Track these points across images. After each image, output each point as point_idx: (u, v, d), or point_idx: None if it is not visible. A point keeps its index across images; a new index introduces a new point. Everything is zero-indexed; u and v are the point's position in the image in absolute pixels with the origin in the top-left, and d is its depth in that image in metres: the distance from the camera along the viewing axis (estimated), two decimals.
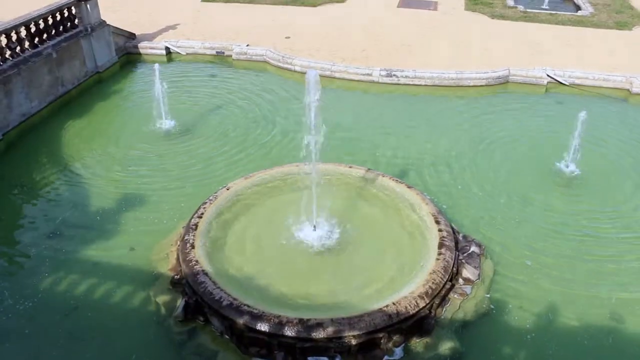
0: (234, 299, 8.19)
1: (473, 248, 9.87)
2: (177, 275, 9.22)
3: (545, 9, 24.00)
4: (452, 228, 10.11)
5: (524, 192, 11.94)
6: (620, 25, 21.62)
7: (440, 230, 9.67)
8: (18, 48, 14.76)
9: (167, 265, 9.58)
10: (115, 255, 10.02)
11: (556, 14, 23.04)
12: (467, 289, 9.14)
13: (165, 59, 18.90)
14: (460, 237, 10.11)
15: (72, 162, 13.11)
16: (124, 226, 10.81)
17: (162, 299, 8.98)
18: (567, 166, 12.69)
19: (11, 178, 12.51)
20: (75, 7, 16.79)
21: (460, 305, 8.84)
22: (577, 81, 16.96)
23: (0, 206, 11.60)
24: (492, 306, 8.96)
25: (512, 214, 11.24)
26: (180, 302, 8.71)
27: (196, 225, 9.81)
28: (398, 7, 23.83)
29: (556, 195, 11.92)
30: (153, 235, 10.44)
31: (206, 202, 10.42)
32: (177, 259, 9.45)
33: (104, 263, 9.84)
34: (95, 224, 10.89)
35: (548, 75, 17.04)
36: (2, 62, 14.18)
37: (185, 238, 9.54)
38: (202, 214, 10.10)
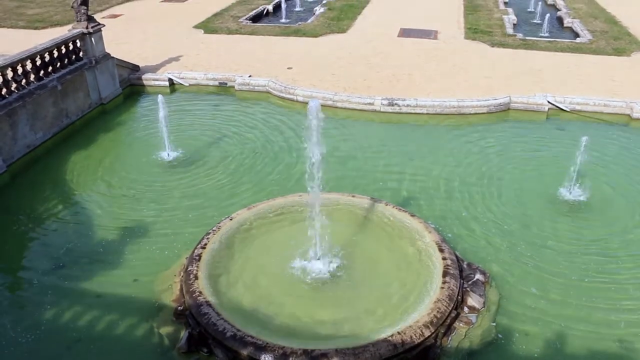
0: (238, 330, 8.14)
1: (478, 276, 9.82)
2: (180, 306, 9.18)
3: (544, 37, 24.28)
4: (456, 256, 10.07)
5: (528, 219, 11.91)
6: (619, 52, 21.82)
7: (444, 259, 9.64)
8: (24, 81, 14.95)
9: (170, 296, 9.54)
10: (118, 286, 9.97)
11: (555, 41, 23.27)
12: (473, 317, 9.07)
13: (168, 90, 19.08)
14: (464, 265, 10.06)
15: (75, 192, 13.16)
16: (127, 257, 10.79)
17: (165, 330, 8.92)
18: (571, 192, 12.69)
19: (15, 209, 12.54)
20: (80, 40, 17.04)
21: (466, 334, 8.76)
22: (578, 107, 17.06)
23: (4, 236, 11.61)
24: (498, 334, 8.87)
25: (516, 241, 11.19)
26: (183, 334, 8.65)
27: (199, 256, 9.80)
28: (399, 36, 24.10)
29: (560, 221, 11.89)
30: (156, 266, 10.41)
31: (209, 233, 10.42)
32: (181, 290, 9.41)
33: (107, 294, 9.79)
34: (99, 255, 10.87)
35: (549, 102, 17.14)
36: (8, 94, 14.35)
37: (189, 269, 9.52)
38: (206, 244, 10.09)
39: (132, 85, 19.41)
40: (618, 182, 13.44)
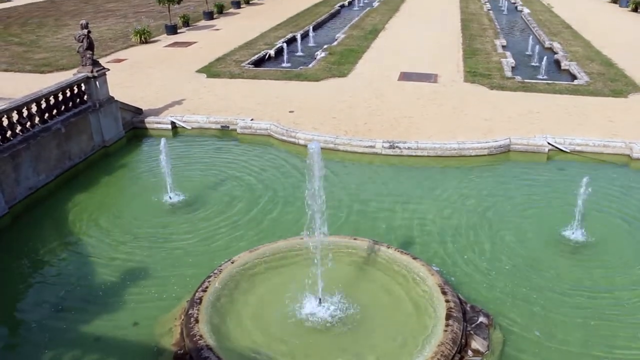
0: None
1: (481, 319, 9.71)
2: (180, 350, 9.05)
3: (543, 79, 24.58)
4: (459, 298, 9.98)
5: (530, 261, 11.84)
6: (616, 93, 22.07)
7: (447, 301, 9.55)
8: (28, 123, 15.11)
9: (170, 340, 9.42)
10: (118, 329, 9.85)
11: (553, 83, 23.57)
12: None
13: (171, 133, 19.25)
14: (468, 308, 9.96)
15: (77, 234, 13.14)
16: (127, 300, 10.70)
17: None
18: (573, 233, 12.65)
19: (16, 250, 12.52)
20: (85, 84, 17.29)
21: None
22: (578, 148, 17.16)
23: (4, 278, 11.55)
24: None
25: (519, 283, 11.10)
26: None
27: (200, 299, 9.72)
28: (399, 80, 24.43)
29: (564, 263, 11.81)
30: (157, 310, 10.31)
31: (210, 276, 10.36)
32: (181, 333, 9.30)
33: (106, 338, 9.67)
34: (99, 298, 10.79)
35: (549, 143, 17.25)
36: (12, 137, 14.48)
37: (189, 312, 9.43)
38: (207, 287, 10.02)
39: (135, 128, 19.60)
40: (621, 222, 13.40)
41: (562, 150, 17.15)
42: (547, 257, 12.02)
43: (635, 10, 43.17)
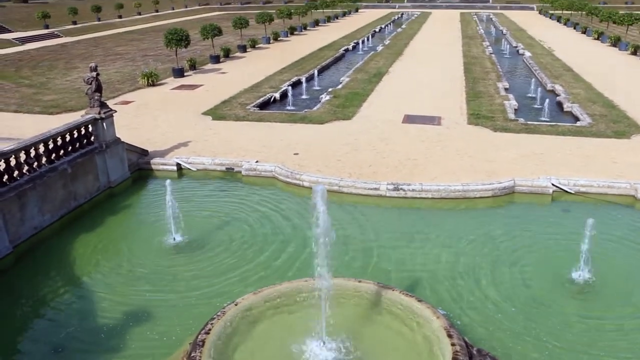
0: None
1: None
2: None
3: (546, 121, 24.77)
4: (466, 342, 9.81)
5: (537, 303, 11.71)
6: (619, 135, 22.19)
7: (453, 345, 9.39)
8: (35, 163, 15.25)
9: None
10: None
11: (556, 125, 23.72)
12: None
13: (176, 174, 19.36)
14: (474, 351, 9.79)
15: (80, 275, 13.10)
16: (129, 342, 10.59)
17: None
18: (580, 274, 12.54)
19: (19, 290, 12.49)
20: (92, 125, 17.51)
21: None
22: (582, 189, 17.15)
23: (6, 318, 11.51)
24: None
25: (526, 325, 10.96)
26: None
27: (203, 341, 9.59)
28: (403, 122, 24.62)
29: (571, 305, 11.68)
30: (159, 352, 10.20)
31: (214, 318, 10.25)
32: None
33: None
34: (100, 340, 10.68)
35: (553, 185, 17.26)
36: (19, 176, 14.60)
37: (192, 355, 9.30)
38: (210, 330, 9.90)
39: (140, 170, 19.74)
40: (628, 264, 13.30)
41: (566, 191, 17.15)
42: (553, 298, 11.89)
43: (634, 53, 43.79)
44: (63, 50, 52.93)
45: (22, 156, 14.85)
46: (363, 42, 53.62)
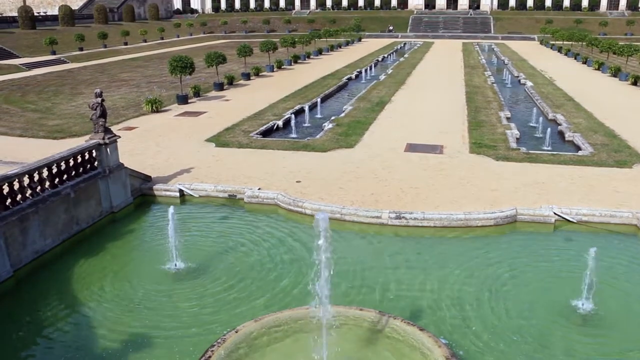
0: None
1: None
2: None
3: (547, 150, 24.84)
4: None
5: (540, 332, 11.62)
6: (621, 164, 22.24)
7: None
8: (39, 188, 15.30)
9: None
10: None
11: (558, 154, 23.79)
12: None
13: (178, 200, 19.39)
14: None
15: (80, 301, 13.04)
16: None
17: None
18: (583, 304, 12.46)
19: (18, 315, 12.43)
20: (96, 150, 17.62)
21: None
22: (585, 218, 17.13)
23: (4, 343, 11.41)
24: None
25: (528, 355, 10.87)
26: None
27: None
28: (405, 151, 24.71)
29: (574, 336, 11.59)
30: None
31: (214, 345, 10.20)
32: None
33: None
34: None
35: (555, 214, 17.25)
36: (22, 200, 14.64)
37: None
38: (210, 357, 9.85)
39: (143, 195, 19.78)
40: (631, 293, 13.23)
41: (568, 220, 17.13)
42: (556, 329, 11.79)
43: (634, 83, 44.10)
44: (69, 75, 53.52)
45: (26, 180, 14.91)
46: (366, 70, 54.05)
